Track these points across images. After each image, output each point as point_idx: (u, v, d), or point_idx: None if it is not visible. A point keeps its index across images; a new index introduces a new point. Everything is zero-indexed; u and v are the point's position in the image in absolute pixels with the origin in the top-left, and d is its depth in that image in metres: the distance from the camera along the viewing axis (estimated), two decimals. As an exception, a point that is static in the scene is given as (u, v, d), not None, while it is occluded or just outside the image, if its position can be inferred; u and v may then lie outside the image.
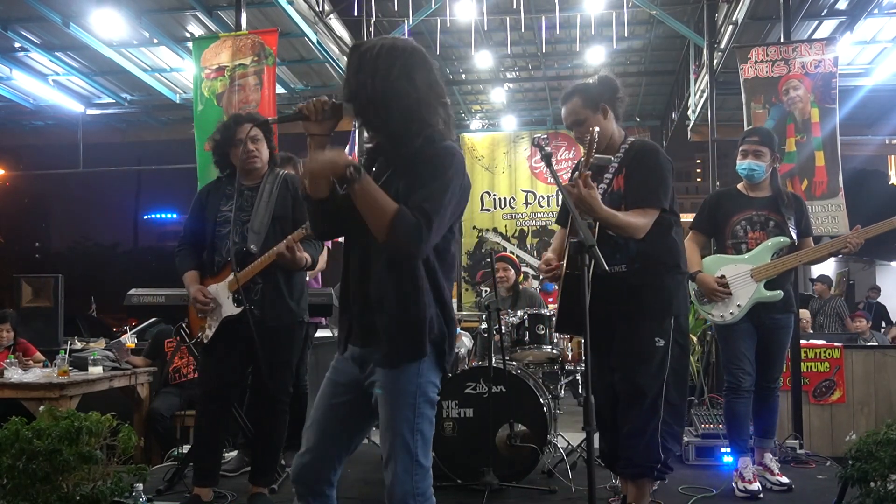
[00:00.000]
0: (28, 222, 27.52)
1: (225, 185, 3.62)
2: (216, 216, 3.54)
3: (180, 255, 3.61)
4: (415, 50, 2.10)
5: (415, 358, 2.02)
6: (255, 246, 3.45)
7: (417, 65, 2.07)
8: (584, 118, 3.06)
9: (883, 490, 2.70)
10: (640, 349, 3.01)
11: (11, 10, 8.15)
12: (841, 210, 5.42)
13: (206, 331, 3.52)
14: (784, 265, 3.79)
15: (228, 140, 3.51)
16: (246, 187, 3.57)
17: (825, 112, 5.55)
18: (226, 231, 3.50)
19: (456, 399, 4.01)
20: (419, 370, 2.03)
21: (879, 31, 8.72)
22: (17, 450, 2.76)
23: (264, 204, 3.52)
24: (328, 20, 9.14)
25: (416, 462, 2.00)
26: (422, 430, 2.02)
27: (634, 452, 3.03)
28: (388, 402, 2.02)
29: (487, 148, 12.81)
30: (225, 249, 3.49)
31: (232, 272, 3.42)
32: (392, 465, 2.01)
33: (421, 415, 2.02)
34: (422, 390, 2.03)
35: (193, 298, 3.47)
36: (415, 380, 2.02)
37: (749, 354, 3.85)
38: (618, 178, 3.06)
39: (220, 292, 3.49)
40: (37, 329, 6.31)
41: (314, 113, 2.05)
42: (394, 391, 2.02)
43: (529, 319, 4.44)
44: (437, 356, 2.06)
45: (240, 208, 3.53)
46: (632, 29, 9.96)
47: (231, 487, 3.80)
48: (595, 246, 2.22)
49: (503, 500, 3.81)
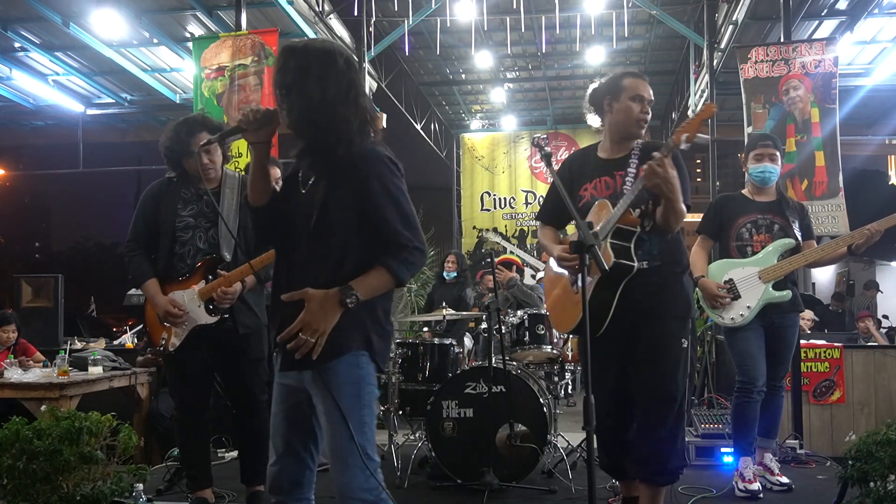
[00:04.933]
0: (28, 222, 27.48)
1: (179, 188, 3.48)
2: (175, 220, 3.43)
3: (135, 260, 3.44)
4: (328, 52, 2.09)
5: (335, 356, 2.01)
6: (227, 253, 3.40)
7: (329, 66, 2.06)
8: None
9: (883, 490, 2.70)
10: (667, 351, 2.88)
11: (11, 10, 8.16)
12: (841, 210, 5.43)
13: (171, 339, 3.42)
14: (791, 265, 3.81)
15: (181, 150, 3.41)
16: (204, 192, 3.46)
17: (825, 112, 5.55)
18: (188, 236, 3.43)
19: (456, 399, 4.01)
20: (357, 362, 2.03)
21: (879, 31, 8.72)
22: (18, 450, 2.76)
23: (231, 211, 3.45)
24: (328, 20, 9.14)
25: (368, 456, 1.99)
26: (368, 422, 2.02)
27: (668, 459, 2.89)
28: (329, 395, 2.00)
29: (487, 148, 12.82)
30: (189, 256, 3.41)
31: (202, 279, 3.37)
32: (343, 461, 1.99)
33: (365, 406, 2.02)
34: (364, 381, 2.03)
35: (166, 312, 3.33)
36: (353, 370, 2.02)
37: (760, 354, 3.84)
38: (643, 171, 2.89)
39: (188, 301, 3.38)
40: (37, 329, 6.30)
41: (249, 123, 2.12)
42: (333, 384, 2.00)
43: (529, 319, 4.44)
44: (371, 353, 2.06)
45: (200, 213, 3.45)
46: (632, 29, 9.97)
47: (231, 488, 3.81)
48: (595, 246, 2.22)
49: (503, 500, 3.81)
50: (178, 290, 3.40)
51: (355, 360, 2.03)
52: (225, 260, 3.40)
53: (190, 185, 3.49)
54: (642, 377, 2.89)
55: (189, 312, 3.37)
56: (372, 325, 2.07)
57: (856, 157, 11.83)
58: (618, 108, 2.94)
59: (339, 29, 9.51)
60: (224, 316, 3.36)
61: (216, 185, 3.51)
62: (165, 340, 3.43)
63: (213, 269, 3.38)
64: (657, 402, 2.87)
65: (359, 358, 2.04)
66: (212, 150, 3.42)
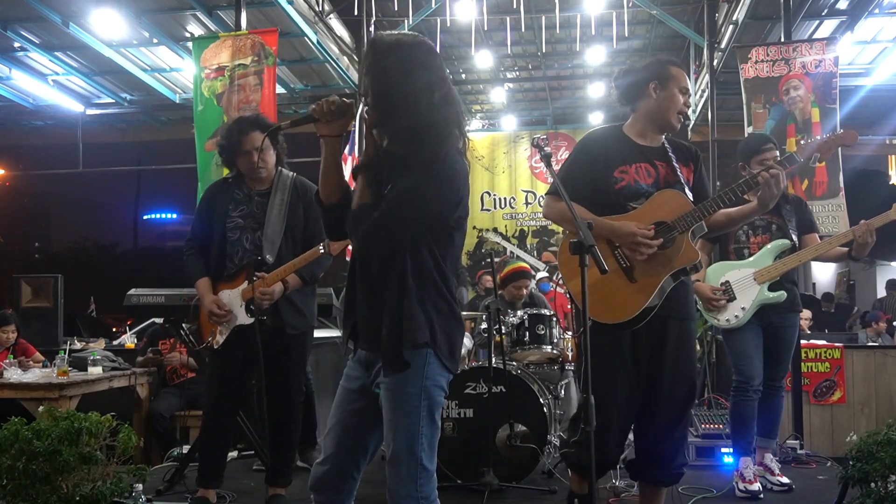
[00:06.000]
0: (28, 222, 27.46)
1: (232, 188, 3.55)
2: (225, 220, 3.49)
3: (191, 258, 3.54)
4: (418, 44, 2.04)
5: (414, 363, 1.99)
6: (270, 255, 3.43)
7: (430, 63, 2.01)
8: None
9: (883, 490, 2.70)
10: (692, 350, 2.87)
11: (11, 10, 8.15)
12: (841, 210, 5.43)
13: (216, 336, 3.48)
14: (785, 266, 3.80)
15: (234, 148, 3.47)
16: (256, 192, 3.53)
17: (826, 112, 5.55)
18: (236, 237, 3.48)
19: (456, 399, 4.00)
20: (424, 373, 2.00)
21: (880, 30, 8.72)
22: (17, 450, 2.76)
23: (277, 212, 3.48)
24: (328, 20, 9.14)
25: (421, 465, 1.98)
26: (426, 434, 2.00)
27: (681, 457, 2.88)
28: (392, 402, 2.00)
29: (487, 148, 12.79)
30: (237, 257, 3.46)
31: (246, 280, 3.39)
32: (395, 467, 1.99)
33: (425, 417, 1.99)
34: (427, 393, 2.00)
35: (210, 312, 3.42)
36: (419, 382, 2.00)
37: (757, 354, 3.84)
38: (684, 170, 2.87)
39: (233, 300, 3.45)
40: (36, 329, 6.30)
41: (323, 114, 2.04)
42: (397, 392, 2.00)
43: (529, 319, 4.43)
44: (442, 358, 2.03)
45: (250, 214, 3.50)
46: (632, 29, 9.96)
47: (231, 488, 3.80)
48: (595, 246, 2.21)
49: (503, 500, 3.81)
50: (227, 289, 3.47)
51: (422, 371, 2.00)
52: (267, 263, 3.42)
53: (243, 185, 3.54)
54: (669, 377, 2.78)
55: (232, 312, 3.43)
56: (441, 337, 2.03)
57: (856, 157, 11.82)
58: (664, 95, 2.83)
59: (339, 29, 9.52)
60: (262, 318, 3.36)
61: (268, 186, 3.54)
62: (212, 338, 3.49)
63: (255, 271, 3.40)
64: (683, 402, 2.81)
65: (431, 369, 2.01)
66: (264, 150, 3.45)
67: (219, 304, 3.42)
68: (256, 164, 3.45)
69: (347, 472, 2.12)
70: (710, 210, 2.76)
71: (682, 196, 2.79)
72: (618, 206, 2.81)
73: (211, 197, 3.61)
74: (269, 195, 3.51)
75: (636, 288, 2.75)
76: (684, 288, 2.85)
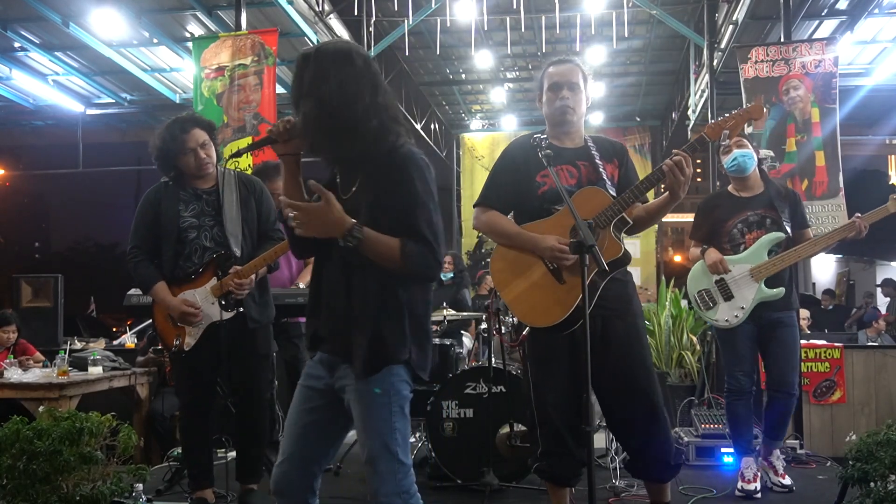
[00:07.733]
0: (28, 222, 27.51)
1: (176, 190, 3.49)
2: (178, 222, 3.44)
3: (140, 264, 3.44)
4: (345, 52, 2.05)
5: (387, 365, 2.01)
6: (237, 248, 3.42)
7: (344, 66, 2.02)
8: (578, 85, 2.99)
9: (883, 490, 2.70)
10: (644, 347, 2.87)
11: (11, 10, 8.16)
12: (841, 210, 5.42)
13: (185, 339, 3.42)
14: (783, 262, 3.76)
15: (177, 148, 3.42)
16: (203, 191, 3.50)
17: (825, 112, 5.55)
18: (194, 236, 3.44)
19: (456, 399, 4.00)
20: (391, 370, 2.02)
21: (880, 30, 8.72)
22: (18, 450, 2.75)
23: (234, 208, 3.47)
24: (328, 20, 9.14)
25: (398, 460, 2.00)
26: (399, 428, 2.01)
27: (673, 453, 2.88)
28: (362, 403, 2.01)
29: (487, 148, 12.81)
30: (197, 255, 3.43)
31: (214, 276, 3.39)
32: (373, 466, 2.00)
33: (397, 412, 2.02)
34: (394, 388, 2.02)
35: (182, 313, 3.35)
36: (386, 378, 2.01)
37: (750, 356, 3.83)
38: (608, 167, 2.92)
39: (201, 299, 3.40)
40: (36, 329, 6.30)
41: (279, 134, 2.07)
42: (366, 393, 2.01)
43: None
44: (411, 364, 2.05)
45: (203, 213, 3.46)
46: (632, 29, 9.97)
47: (231, 488, 3.80)
48: (595, 246, 2.21)
49: (503, 500, 3.81)
50: (189, 289, 3.41)
51: (397, 371, 2.03)
52: (236, 256, 3.41)
53: (187, 185, 3.50)
54: (622, 376, 2.78)
55: (204, 311, 3.40)
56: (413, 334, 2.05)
57: (856, 157, 11.84)
58: (545, 101, 3.04)
59: (339, 29, 9.51)
60: (239, 310, 3.38)
61: (213, 183, 3.53)
62: (180, 341, 3.43)
63: (222, 266, 3.39)
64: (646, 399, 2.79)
65: (397, 367, 2.03)
66: (207, 146, 3.46)
67: (189, 304, 3.37)
68: (203, 160, 3.43)
69: (309, 470, 2.12)
70: (627, 202, 2.75)
71: (601, 192, 2.80)
72: (543, 210, 2.85)
73: (154, 201, 3.50)
74: (216, 192, 3.49)
75: (565, 289, 2.74)
76: (622, 286, 2.85)
